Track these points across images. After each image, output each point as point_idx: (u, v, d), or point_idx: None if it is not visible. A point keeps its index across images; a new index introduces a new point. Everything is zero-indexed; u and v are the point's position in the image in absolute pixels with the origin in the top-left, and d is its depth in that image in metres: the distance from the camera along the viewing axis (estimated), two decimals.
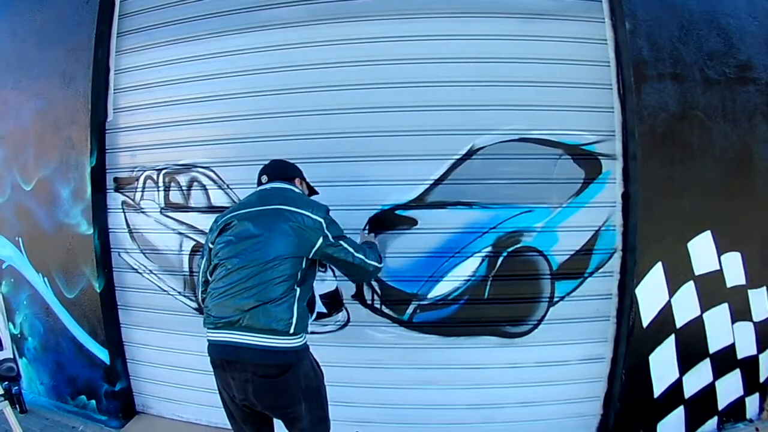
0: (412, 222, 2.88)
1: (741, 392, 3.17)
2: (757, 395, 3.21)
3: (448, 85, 2.83)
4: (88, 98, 3.35)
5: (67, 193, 3.47)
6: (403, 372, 3.00)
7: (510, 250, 2.88)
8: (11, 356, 3.91)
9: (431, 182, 2.85)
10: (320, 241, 2.22)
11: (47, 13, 3.50)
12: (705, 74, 2.93)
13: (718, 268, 2.99)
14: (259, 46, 2.99)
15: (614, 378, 3.05)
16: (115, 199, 3.42)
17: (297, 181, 2.49)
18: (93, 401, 3.59)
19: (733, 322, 3.07)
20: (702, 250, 2.95)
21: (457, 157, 2.84)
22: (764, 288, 3.09)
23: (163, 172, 3.25)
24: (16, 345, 3.86)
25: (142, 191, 3.32)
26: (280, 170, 2.47)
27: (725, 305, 3.05)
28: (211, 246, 2.30)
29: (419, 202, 2.87)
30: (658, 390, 3.01)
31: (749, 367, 3.10)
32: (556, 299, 2.94)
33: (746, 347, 3.08)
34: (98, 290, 3.39)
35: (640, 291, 2.90)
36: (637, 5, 2.84)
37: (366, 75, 2.86)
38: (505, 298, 2.91)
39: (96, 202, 3.37)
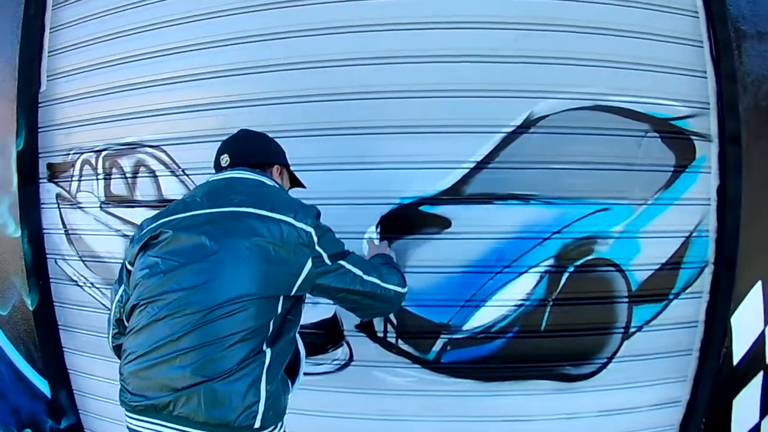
0: (444, 223, 1.41)
1: None
2: None
3: (496, 27, 1.38)
4: (15, 64, 1.87)
5: None
6: (425, 427, 1.55)
7: (578, 263, 1.46)
8: None
9: (471, 165, 1.38)
10: (308, 265, 0.96)
11: None
12: None
13: None
14: None
15: (688, 424, 1.68)
16: (49, 192, 1.91)
17: (275, 169, 1.14)
18: None
19: None
20: None
21: (509, 129, 1.38)
22: None
23: (103, 154, 1.75)
24: None
25: (79, 180, 1.81)
26: (250, 149, 1.12)
27: None
28: (129, 267, 1.01)
29: (454, 195, 1.40)
30: None
31: None
32: (632, 329, 1.53)
33: None
34: (31, 308, 1.86)
35: (736, 319, 1.57)
36: None
37: (378, 12, 1.38)
38: (568, 330, 1.46)
39: (25, 195, 1.84)
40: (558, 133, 1.39)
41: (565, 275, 1.43)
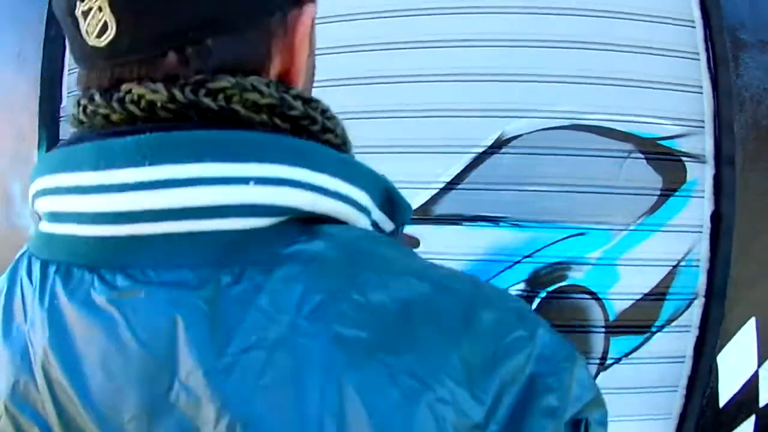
0: (413, 242, 1.31)
1: None
2: None
3: (466, 45, 1.28)
4: (38, 82, 1.91)
5: (18, 191, 2.03)
6: None
7: (550, 289, 1.31)
8: None
9: (441, 186, 1.29)
10: None
11: None
12: None
13: None
14: None
15: None
16: None
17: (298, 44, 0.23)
18: None
19: None
20: None
21: (480, 150, 1.27)
22: None
23: None
24: None
25: None
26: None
27: None
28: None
29: (423, 215, 1.31)
30: None
31: None
32: (609, 361, 1.36)
33: None
34: None
35: (723, 357, 1.34)
36: None
37: (347, 32, 1.31)
38: None
39: None
40: (531, 153, 1.25)
41: (536, 301, 1.28)
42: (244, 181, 0.18)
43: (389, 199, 0.24)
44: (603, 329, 1.34)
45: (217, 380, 0.16)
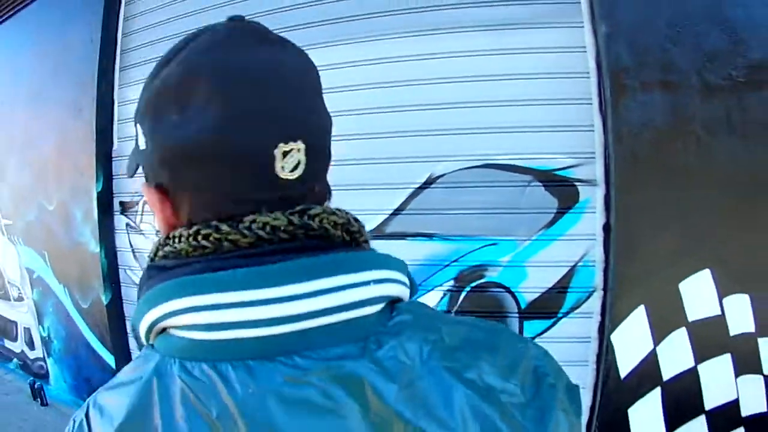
0: None
1: None
2: None
3: (403, 110, 1.88)
4: (93, 128, 2.73)
5: (79, 215, 2.86)
6: None
7: (473, 285, 1.91)
8: (41, 356, 3.33)
9: (390, 212, 1.90)
10: None
11: (62, 49, 2.92)
12: (704, 79, 1.75)
13: (719, 312, 1.90)
14: None
15: (590, 427, 2.04)
16: (120, 222, 2.69)
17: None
18: None
19: (737, 375, 1.98)
20: (697, 292, 1.88)
21: (416, 186, 1.87)
22: None
23: None
24: (45, 346, 3.26)
25: (141, 215, 2.57)
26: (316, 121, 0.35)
27: (727, 356, 1.95)
28: None
29: (377, 233, 1.90)
30: None
31: (756, 426, 1.99)
32: None
33: (753, 404, 1.96)
34: (104, 303, 2.70)
35: (616, 337, 1.87)
36: (617, 2, 1.77)
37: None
38: None
39: (103, 223, 2.66)
40: (453, 187, 1.85)
41: (463, 294, 1.89)
42: (367, 283, 0.33)
43: (409, 278, 0.37)
44: (516, 315, 1.89)
45: (398, 410, 0.30)
